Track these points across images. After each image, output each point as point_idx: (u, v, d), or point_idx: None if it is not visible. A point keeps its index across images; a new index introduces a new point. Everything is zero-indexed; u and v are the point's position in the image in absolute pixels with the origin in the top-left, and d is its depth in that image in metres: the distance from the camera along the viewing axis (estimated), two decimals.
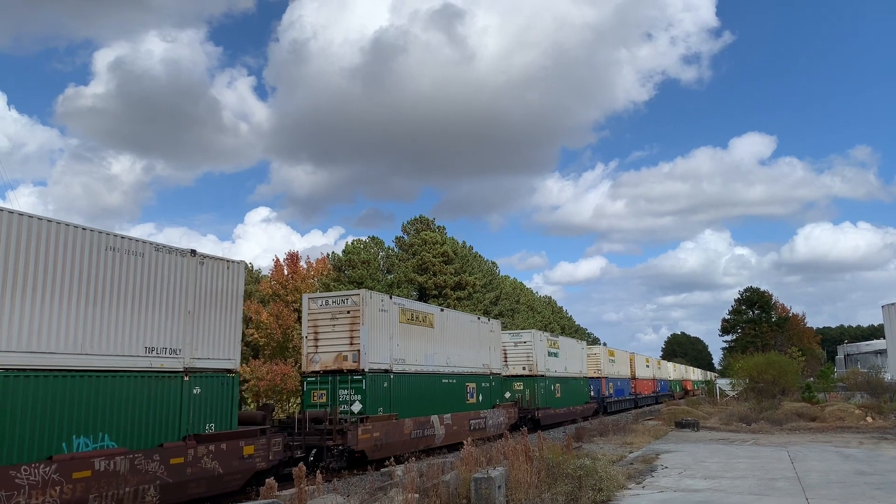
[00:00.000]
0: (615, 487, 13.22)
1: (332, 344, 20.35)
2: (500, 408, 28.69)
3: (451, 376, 24.98)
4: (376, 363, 20.40)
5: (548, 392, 35.23)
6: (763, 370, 39.94)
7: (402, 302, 22.81)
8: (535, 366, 34.24)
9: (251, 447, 14.80)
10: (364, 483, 14.03)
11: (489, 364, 28.63)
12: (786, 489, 13.30)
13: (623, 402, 52.57)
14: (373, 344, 20.34)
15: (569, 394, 38.90)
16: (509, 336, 35.11)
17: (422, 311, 23.74)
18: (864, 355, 79.02)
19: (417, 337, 22.95)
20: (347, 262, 46.67)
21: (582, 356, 43.44)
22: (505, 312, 57.80)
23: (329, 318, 20.52)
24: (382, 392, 20.50)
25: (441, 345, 24.49)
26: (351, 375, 19.91)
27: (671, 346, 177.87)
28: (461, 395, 25.64)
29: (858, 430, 26.25)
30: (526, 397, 33.36)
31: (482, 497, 10.55)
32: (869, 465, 16.44)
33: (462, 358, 26.06)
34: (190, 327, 14.16)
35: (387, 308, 21.37)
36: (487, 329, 29.15)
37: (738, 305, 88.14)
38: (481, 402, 27.22)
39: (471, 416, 25.80)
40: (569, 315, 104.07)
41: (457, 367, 25.43)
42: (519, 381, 33.92)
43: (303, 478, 9.66)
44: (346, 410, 19.51)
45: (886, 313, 48.75)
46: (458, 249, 54.24)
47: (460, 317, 27.33)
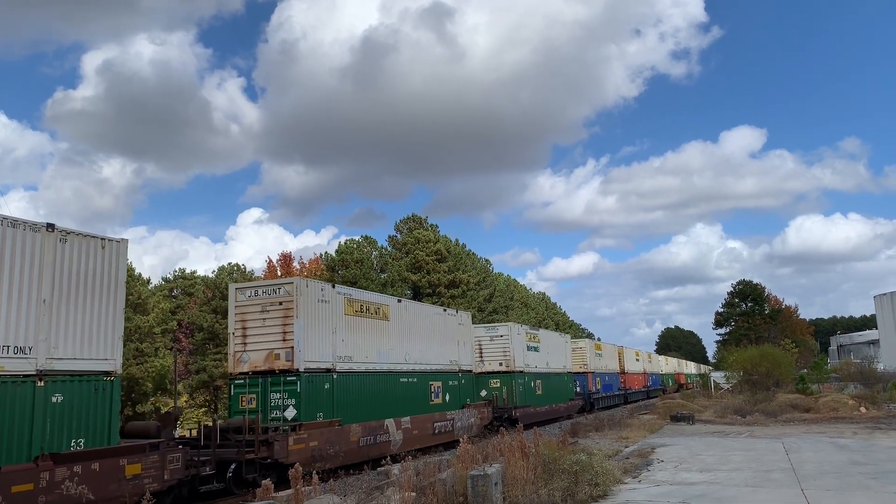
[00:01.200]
0: (611, 482, 13.24)
1: (263, 341, 17.99)
2: (470, 408, 26.52)
3: (412, 374, 22.73)
4: (315, 362, 18.12)
5: (527, 389, 33.46)
6: (757, 362, 40.09)
7: (349, 292, 20.51)
8: (512, 361, 32.18)
9: (137, 465, 12.33)
10: (360, 482, 14.01)
11: (458, 360, 26.57)
12: (781, 480, 13.35)
13: (611, 397, 50.80)
14: (310, 340, 18.02)
15: (551, 390, 36.93)
16: (484, 330, 33.33)
17: (374, 303, 21.35)
18: (857, 346, 79.43)
19: (369, 331, 20.65)
20: (341, 262, 46.61)
21: (566, 350, 41.61)
22: (499, 309, 57.85)
23: (259, 311, 18.13)
24: (323, 395, 18.20)
25: (399, 340, 22.20)
26: (284, 376, 17.60)
27: (665, 340, 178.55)
28: (423, 396, 23.40)
29: (852, 421, 26.38)
30: (503, 395, 31.43)
31: (479, 494, 10.55)
32: (863, 455, 16.52)
33: (425, 354, 23.83)
34: (46, 320, 11.66)
35: (328, 298, 18.98)
36: (455, 322, 26.98)
37: (731, 298, 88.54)
38: (448, 403, 24.96)
39: (435, 418, 23.47)
40: (563, 311, 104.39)
41: (418, 365, 23.20)
42: (495, 377, 31.93)
43: (299, 478, 9.63)
44: (279, 417, 17.32)
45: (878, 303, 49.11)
46: (452, 247, 54.26)
47: (422, 308, 25.18)
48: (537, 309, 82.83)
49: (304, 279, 18.71)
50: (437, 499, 10.61)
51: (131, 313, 47.61)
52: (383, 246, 53.83)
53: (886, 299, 47.52)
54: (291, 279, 18.67)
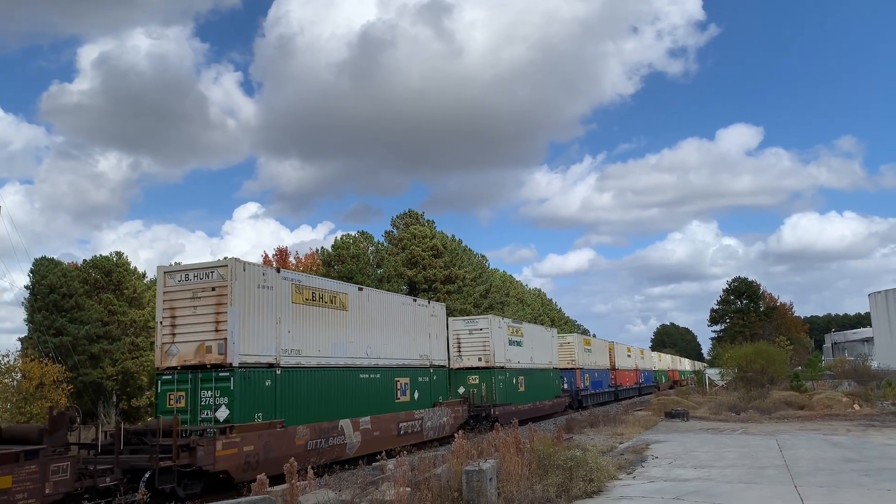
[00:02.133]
0: (606, 478, 13.27)
1: (194, 331, 16.07)
2: (442, 406, 24.86)
3: (373, 370, 20.91)
4: (253, 355, 16.22)
5: (508, 386, 31.85)
6: (752, 360, 40.22)
7: (298, 277, 18.51)
8: (492, 356, 30.45)
9: (6, 479, 10.67)
10: (356, 478, 14.02)
11: (429, 354, 24.64)
12: (775, 477, 13.40)
13: (601, 395, 49.32)
14: (248, 330, 16.11)
15: (535, 387, 35.33)
16: (463, 323, 31.63)
17: (329, 290, 19.37)
18: (851, 343, 79.89)
19: (322, 322, 18.75)
20: (337, 257, 46.57)
21: (552, 345, 39.94)
22: (495, 305, 57.86)
23: (189, 298, 16.21)
24: (263, 393, 16.34)
25: (359, 332, 20.35)
26: (216, 372, 15.64)
27: (660, 336, 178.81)
28: (387, 393, 21.62)
29: (846, 418, 26.48)
30: (482, 392, 29.78)
31: (474, 489, 10.57)
32: (856, 453, 16.59)
33: (390, 347, 22.00)
34: None
35: (271, 284, 17.08)
36: (427, 313, 24.99)
37: (726, 296, 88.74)
38: (417, 401, 23.21)
39: (400, 417, 21.80)
40: (558, 307, 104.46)
41: (382, 359, 21.38)
42: (474, 373, 30.27)
43: (294, 473, 9.64)
44: (210, 418, 15.48)
45: (873, 301, 49.40)
46: (448, 243, 54.25)
47: (389, 298, 23.13)
48: (533, 305, 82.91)
49: (240, 261, 16.38)
50: (431, 494, 10.63)
51: (126, 307, 47.64)
52: (379, 241, 53.83)
53: (881, 297, 47.79)
54: (225, 262, 16.22)
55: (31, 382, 25.90)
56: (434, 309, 25.82)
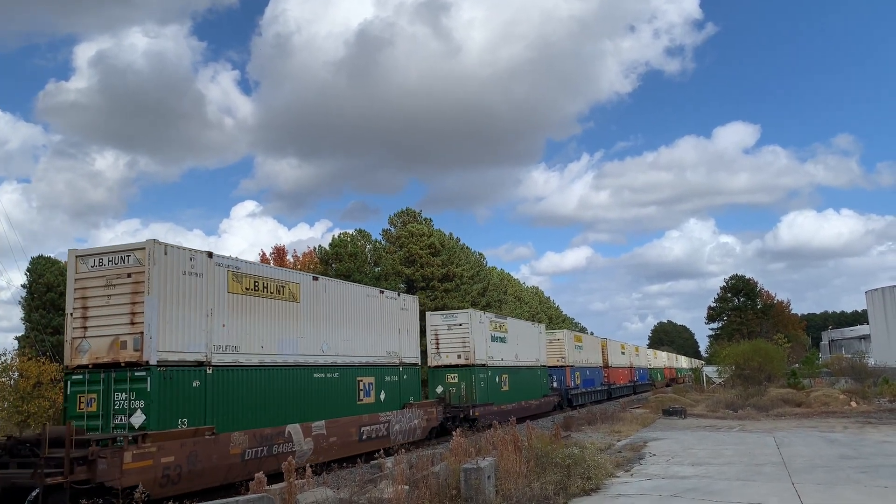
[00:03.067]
0: (604, 475, 13.30)
1: (107, 324, 14.05)
2: (414, 407, 23.16)
3: (331, 369, 19.12)
4: (177, 352, 14.25)
5: (490, 385, 30.14)
6: (749, 357, 40.31)
7: (236, 264, 16.32)
8: (472, 353, 28.73)
9: None
10: (354, 475, 14.03)
11: (398, 352, 22.86)
12: (772, 474, 13.44)
13: (592, 393, 47.54)
14: (170, 323, 14.11)
15: (520, 386, 33.77)
16: (441, 317, 29.88)
17: (276, 279, 17.47)
18: (849, 341, 79.98)
19: (267, 315, 16.89)
20: (334, 255, 46.52)
21: (539, 342, 38.11)
22: (492, 303, 57.86)
23: (103, 286, 14.19)
24: (189, 395, 14.37)
25: (314, 326, 18.50)
26: (131, 371, 13.66)
27: (658, 334, 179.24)
28: (348, 394, 19.84)
29: (843, 415, 26.55)
30: (461, 392, 28.20)
31: (472, 487, 10.58)
32: (853, 450, 16.63)
33: (352, 344, 20.24)
34: None
35: (201, 270, 15.04)
36: (397, 306, 23.16)
37: (723, 293, 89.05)
38: (384, 402, 21.56)
39: (363, 420, 20.06)
40: (556, 305, 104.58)
41: (341, 357, 19.61)
42: (453, 372, 28.61)
43: (292, 471, 9.65)
44: (124, 424, 13.58)
45: (870, 299, 49.46)
46: (446, 241, 54.23)
47: (350, 290, 21.07)
48: (531, 303, 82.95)
49: (160, 243, 14.21)
50: (430, 492, 10.64)
51: None
52: (377, 240, 53.79)
53: (878, 295, 47.86)
54: (143, 243, 14.13)
55: (28, 381, 25.82)
56: (405, 302, 23.96)
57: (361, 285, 23.30)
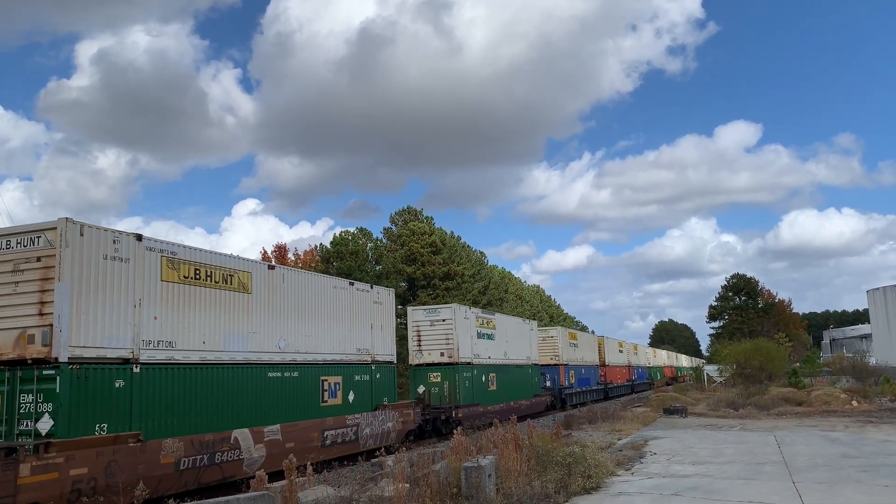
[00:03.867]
0: (604, 474, 13.30)
1: (14, 315, 12.32)
2: (387, 409, 21.45)
3: (289, 367, 17.41)
4: (95, 347, 12.54)
5: (476, 384, 28.43)
6: (750, 356, 40.30)
7: (173, 249, 14.41)
8: (456, 350, 26.98)
9: None
10: (354, 474, 14.04)
11: (371, 349, 21.28)
12: (773, 473, 13.43)
13: (588, 393, 45.99)
14: (86, 314, 12.43)
15: (509, 386, 32.10)
16: (423, 313, 28.18)
17: (222, 268, 15.57)
18: (850, 340, 79.94)
19: (210, 307, 15.05)
20: (336, 253, 46.56)
21: (530, 339, 36.39)
22: (493, 302, 57.92)
23: (10, 272, 12.52)
24: (110, 397, 12.62)
25: (269, 320, 16.81)
26: (38, 369, 11.94)
27: (659, 333, 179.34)
28: (310, 395, 18.08)
29: (844, 414, 26.54)
30: (444, 392, 26.57)
31: (472, 486, 10.59)
32: (854, 449, 16.63)
33: (315, 340, 18.57)
34: None
35: (127, 255, 13.23)
36: (369, 299, 21.54)
37: (724, 292, 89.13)
38: (353, 403, 19.88)
39: (326, 424, 18.35)
40: (557, 304, 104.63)
41: (302, 354, 17.96)
42: (436, 370, 26.96)
43: (293, 469, 9.65)
44: (29, 430, 11.81)
45: (871, 298, 49.42)
46: (447, 240, 54.26)
47: (313, 280, 19.39)
48: (532, 302, 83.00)
49: (76, 222, 12.53)
50: (430, 490, 10.65)
51: None
52: (378, 238, 53.84)
53: (879, 294, 47.81)
54: (53, 223, 12.45)
55: None
56: (379, 294, 22.22)
57: (328, 276, 21.40)
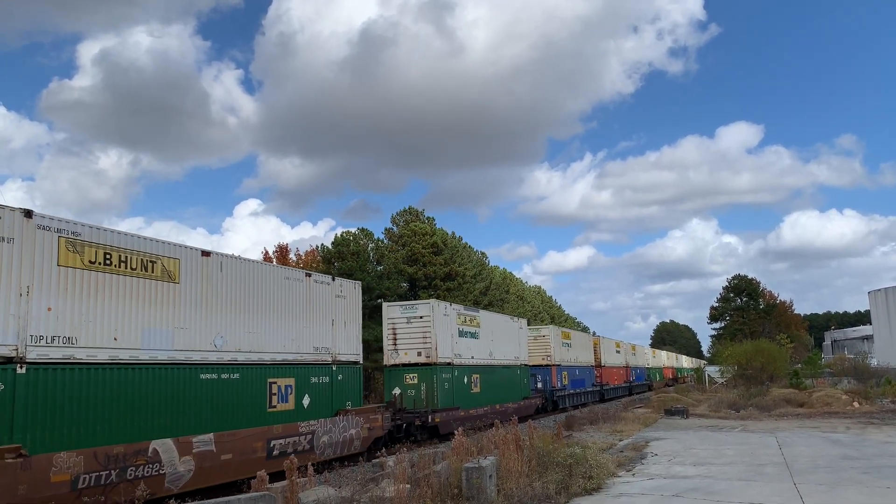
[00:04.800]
0: (605, 475, 13.30)
1: None
2: (350, 415, 19.22)
3: (229, 368, 15.16)
4: None
5: (457, 386, 26.43)
6: (751, 357, 40.25)
7: (75, 229, 12.33)
8: (434, 350, 25.04)
9: None
10: (355, 474, 14.05)
11: (332, 347, 19.19)
12: (774, 474, 13.43)
13: (582, 395, 44.36)
14: None
15: (494, 387, 30.23)
16: (399, 309, 26.20)
17: (140, 252, 13.49)
18: (851, 341, 79.87)
19: (125, 297, 13.01)
20: (337, 253, 46.56)
21: (519, 338, 34.40)
22: (494, 302, 57.89)
23: None
24: None
25: (201, 314, 14.59)
26: None
27: (660, 334, 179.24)
28: (255, 400, 15.88)
29: (845, 416, 26.51)
30: (421, 394, 24.73)
31: (473, 486, 10.59)
32: (856, 450, 16.62)
33: (262, 337, 16.41)
34: None
35: (10, 234, 11.18)
36: (330, 293, 19.42)
37: (726, 293, 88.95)
38: (309, 408, 17.70)
39: (273, 432, 16.09)
40: (558, 304, 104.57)
41: (245, 353, 15.72)
42: (412, 371, 25.06)
43: (294, 470, 9.66)
44: None
45: (872, 299, 49.33)
46: (448, 240, 54.24)
47: (259, 270, 16.95)
48: (533, 302, 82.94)
49: None
50: (431, 491, 10.65)
51: None
52: (380, 238, 53.82)
53: (880, 295, 47.71)
54: None
55: None
56: (342, 288, 19.90)
57: (280, 266, 19.28)
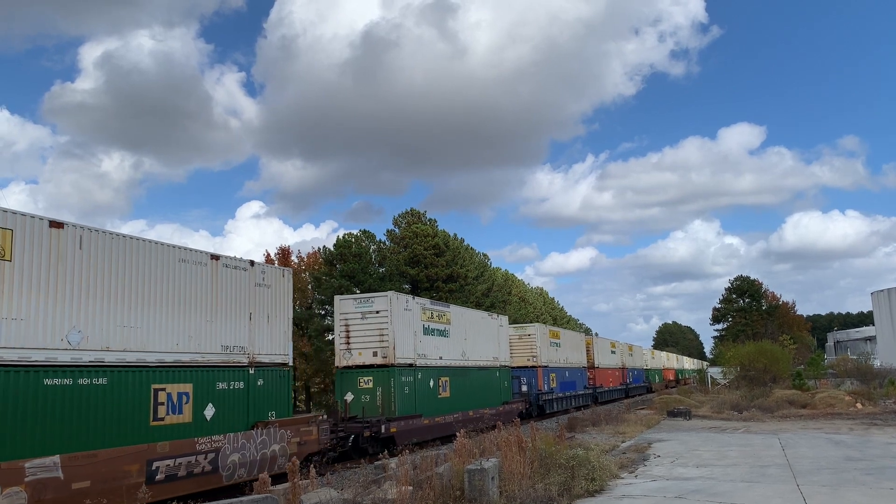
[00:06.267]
0: (608, 477, 13.29)
1: None
2: (272, 427, 15.56)
3: (91, 371, 11.97)
4: None
5: (420, 391, 23.31)
6: (754, 358, 40.21)
7: None
8: (392, 349, 21.90)
9: None
10: (358, 476, 14.04)
11: (249, 346, 15.64)
12: (777, 476, 13.40)
13: (572, 398, 41.42)
14: None
15: (468, 392, 27.22)
16: (354, 303, 22.86)
17: None
18: (854, 342, 79.80)
19: None
20: (339, 255, 46.58)
21: (499, 337, 31.38)
22: (497, 304, 57.86)
23: None
24: None
25: (47, 301, 11.41)
26: None
27: (662, 335, 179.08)
28: (131, 411, 12.61)
29: (848, 417, 26.46)
30: (377, 401, 21.64)
31: (476, 488, 10.58)
32: (859, 451, 16.58)
33: (144, 334, 13.10)
34: None
35: None
36: (247, 280, 15.86)
37: (728, 294, 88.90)
38: (213, 420, 14.36)
39: (155, 451, 12.78)
40: (561, 306, 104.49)
41: (115, 353, 12.49)
42: (367, 374, 21.90)
43: (296, 472, 9.66)
44: None
45: (875, 300, 49.27)
46: (450, 242, 54.23)
47: (137, 248, 13.27)
48: (535, 304, 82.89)
49: None
50: (433, 493, 10.65)
51: None
52: (381, 240, 53.83)
53: (883, 296, 47.65)
54: None
55: None
56: (265, 275, 16.43)
57: (172, 245, 14.30)
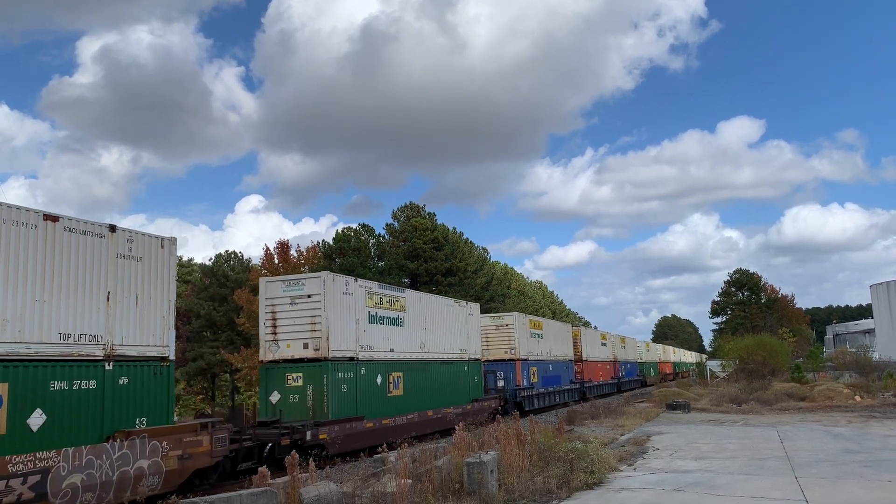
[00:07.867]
0: (607, 469, 13.30)
1: None
2: (137, 439, 12.28)
3: None
4: None
5: (365, 389, 20.12)
6: (753, 351, 40.29)
7: None
8: (325, 340, 18.70)
9: None
10: (357, 469, 14.06)
11: (107, 336, 12.37)
12: (775, 468, 13.43)
13: (556, 394, 37.99)
14: None
15: (428, 389, 23.75)
16: (282, 286, 19.67)
17: None
18: (853, 335, 79.78)
19: None
20: (338, 249, 46.58)
21: (468, 326, 27.76)
22: (496, 297, 57.87)
23: None
24: None
25: None
26: None
27: (661, 328, 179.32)
28: None
29: (847, 409, 26.50)
30: (307, 401, 18.49)
31: (475, 481, 10.60)
32: (857, 444, 16.61)
33: None
34: None
35: None
36: (104, 250, 12.56)
37: (727, 287, 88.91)
38: (44, 432, 10.94)
39: None
40: (560, 300, 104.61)
41: None
42: (297, 369, 18.85)
43: (295, 465, 9.67)
44: None
45: (874, 293, 49.39)
46: (449, 236, 54.21)
47: None
48: (534, 297, 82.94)
49: None
50: (433, 486, 10.66)
51: None
52: (381, 234, 53.80)
53: (882, 289, 47.76)
54: None
55: None
56: (132, 243, 13.16)
57: None
